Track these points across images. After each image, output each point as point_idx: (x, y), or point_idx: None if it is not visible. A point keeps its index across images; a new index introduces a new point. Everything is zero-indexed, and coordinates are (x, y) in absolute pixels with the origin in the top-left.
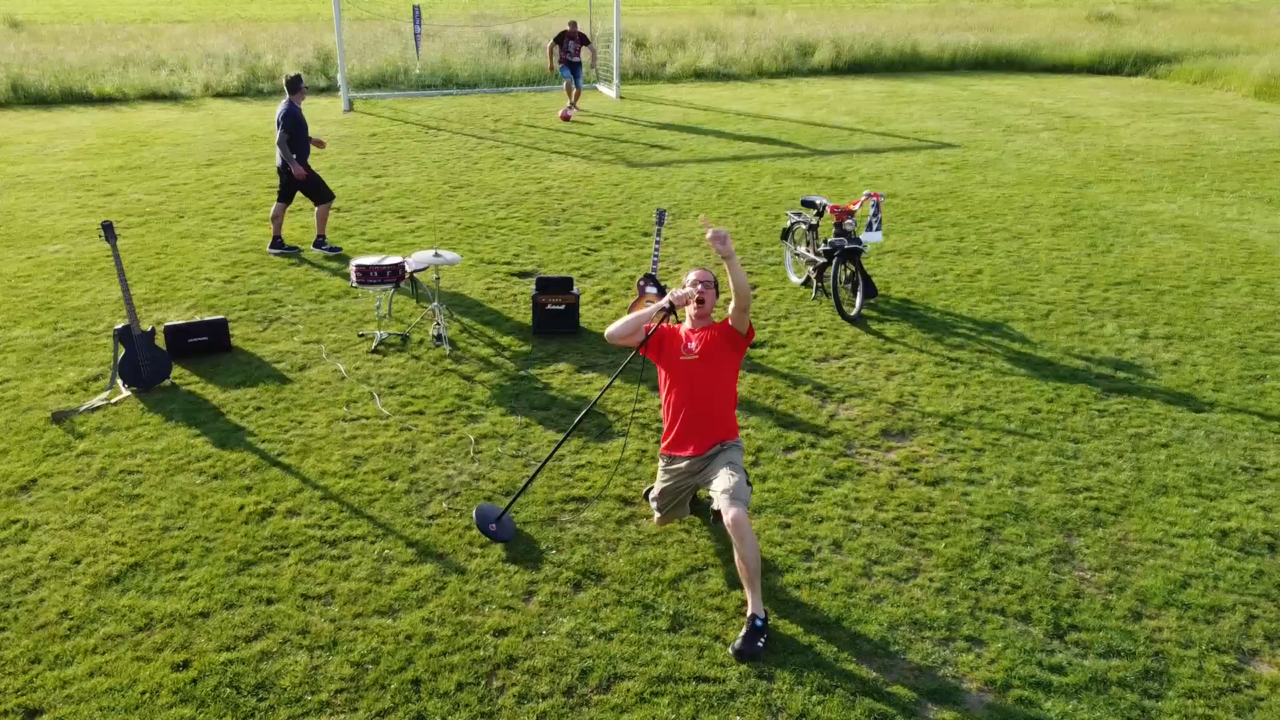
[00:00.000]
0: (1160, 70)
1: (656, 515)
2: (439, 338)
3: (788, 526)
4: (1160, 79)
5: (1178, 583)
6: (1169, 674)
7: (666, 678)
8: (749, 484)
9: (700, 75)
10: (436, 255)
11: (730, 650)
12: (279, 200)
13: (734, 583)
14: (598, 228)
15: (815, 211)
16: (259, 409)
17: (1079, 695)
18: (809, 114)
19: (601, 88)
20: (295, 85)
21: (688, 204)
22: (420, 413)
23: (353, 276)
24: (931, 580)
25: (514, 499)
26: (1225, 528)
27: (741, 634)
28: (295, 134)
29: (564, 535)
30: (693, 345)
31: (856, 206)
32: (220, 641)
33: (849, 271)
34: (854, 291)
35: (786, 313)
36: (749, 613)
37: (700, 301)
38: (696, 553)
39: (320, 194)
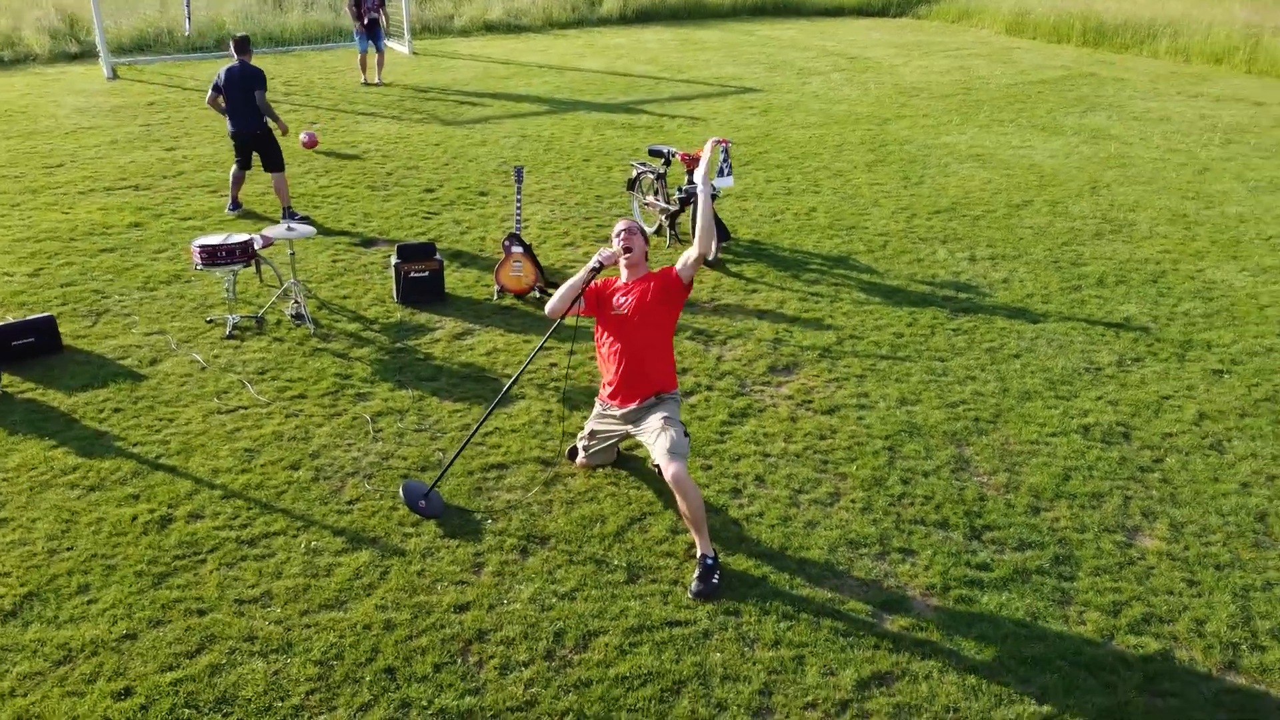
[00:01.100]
0: (922, 11)
1: (581, 456)
2: (299, 316)
3: (709, 468)
4: (923, 19)
5: (1060, 476)
6: (1075, 557)
7: (639, 627)
8: (686, 434)
9: (490, 28)
10: (290, 228)
11: (690, 593)
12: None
13: (675, 528)
14: (430, 190)
15: (663, 160)
16: (117, 411)
17: (1007, 587)
18: (610, 64)
19: (392, 44)
20: (246, 46)
21: (515, 160)
22: (302, 396)
23: (196, 259)
24: (854, 502)
25: (441, 474)
26: (1085, 423)
27: (695, 575)
28: (229, 95)
29: (494, 503)
30: (622, 300)
31: (706, 152)
32: (159, 662)
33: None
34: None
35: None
36: (699, 554)
37: (628, 250)
38: (631, 504)
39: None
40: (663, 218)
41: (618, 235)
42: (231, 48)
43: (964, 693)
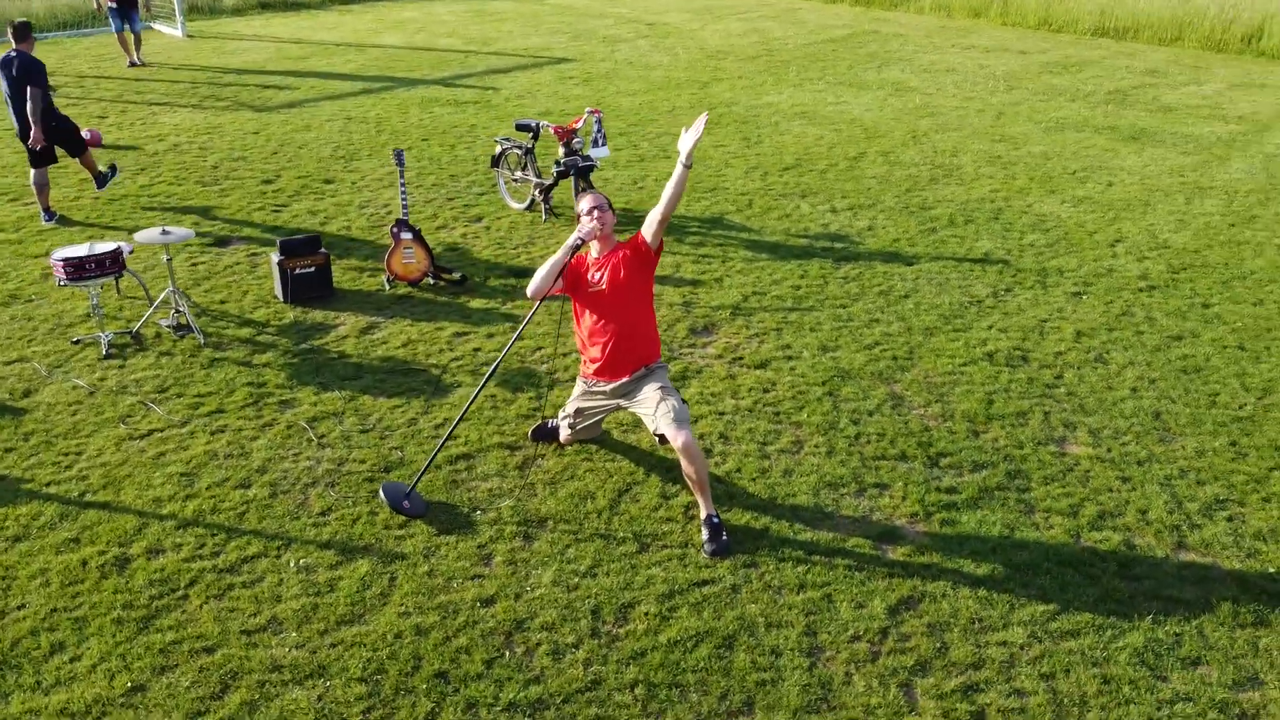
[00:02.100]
0: None
1: (565, 433)
2: (182, 327)
3: None
4: None
5: (985, 401)
6: (1023, 471)
7: (670, 592)
8: (683, 401)
9: (266, 5)
10: (165, 232)
11: (705, 553)
12: (36, 167)
13: (663, 494)
14: (269, 181)
15: (531, 134)
16: (9, 451)
17: (978, 505)
18: (409, 39)
19: (161, 27)
20: (26, 32)
21: (348, 144)
22: (220, 411)
23: (59, 274)
24: (817, 447)
25: (423, 471)
26: (988, 351)
27: (705, 536)
28: (10, 91)
29: (476, 494)
30: (597, 276)
31: (579, 124)
32: (185, 709)
33: (582, 188)
34: None
35: (529, 239)
36: (703, 515)
37: (602, 225)
38: (612, 477)
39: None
40: (536, 192)
41: (589, 213)
42: (9, 34)
43: (980, 604)
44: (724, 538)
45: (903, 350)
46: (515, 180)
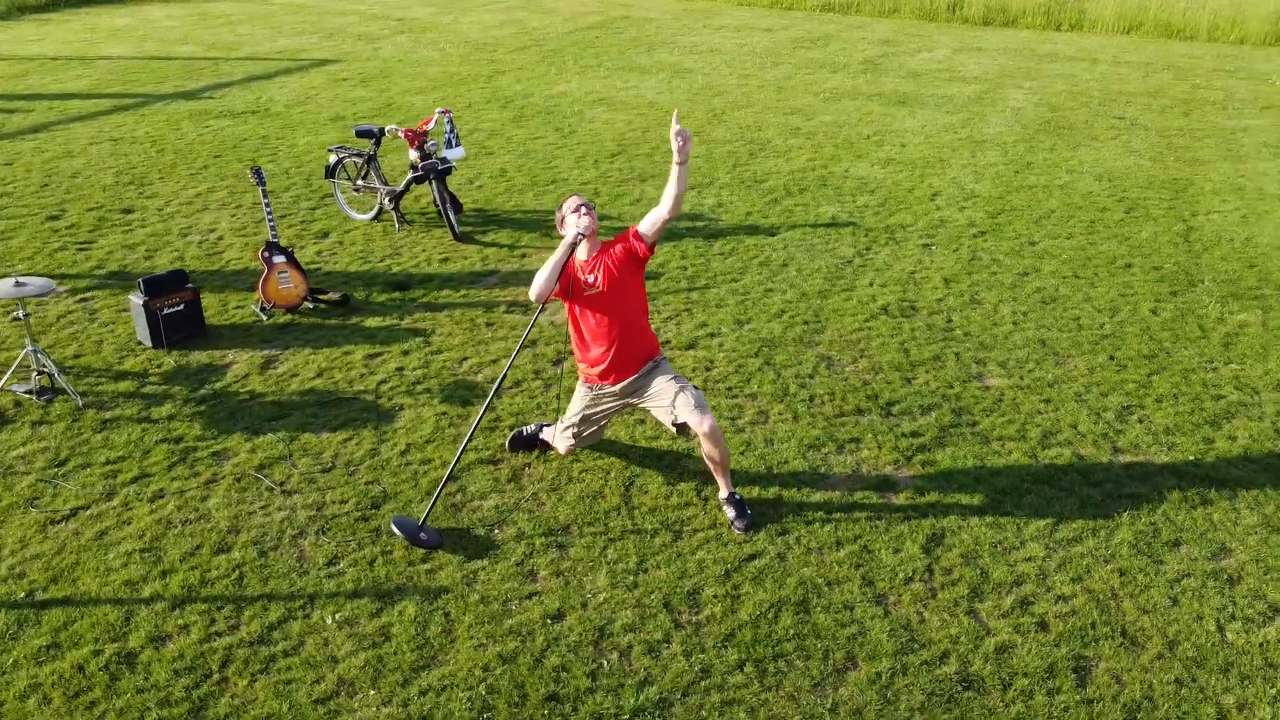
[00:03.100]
0: None
1: (566, 444)
2: (46, 390)
3: (642, 422)
4: None
5: (901, 351)
6: (964, 407)
7: (729, 572)
8: (696, 387)
9: None
10: (19, 284)
11: (737, 530)
12: None
13: (667, 480)
14: (54, 217)
15: (374, 140)
16: None
17: (944, 444)
18: (139, 48)
19: None
20: None
21: (130, 169)
22: (145, 475)
23: None
24: (781, 415)
25: (434, 501)
26: (882, 305)
27: (733, 514)
28: None
29: (481, 513)
30: (592, 278)
31: (430, 125)
32: None
33: (443, 192)
34: (449, 211)
35: (393, 250)
36: (724, 495)
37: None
38: (611, 474)
39: None
40: (386, 200)
41: (576, 210)
42: None
43: (992, 529)
44: (749, 513)
45: (809, 314)
46: (357, 189)
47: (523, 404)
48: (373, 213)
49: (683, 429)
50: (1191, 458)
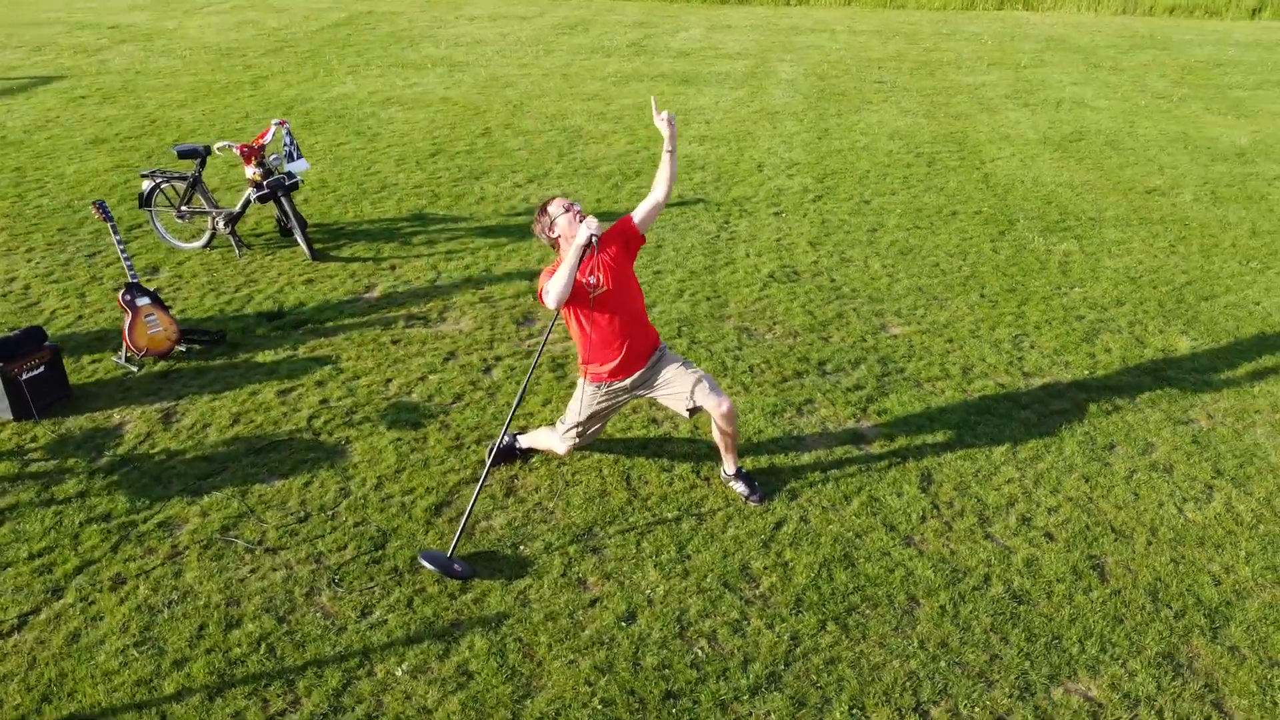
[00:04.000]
0: None
1: (568, 444)
2: None
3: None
4: None
5: (804, 313)
6: (887, 357)
7: (764, 544)
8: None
9: None
10: None
11: (752, 503)
12: None
13: (664, 468)
14: None
15: (198, 161)
16: None
17: (885, 393)
18: None
19: None
20: None
21: None
22: (89, 563)
23: None
24: (731, 388)
25: (459, 536)
26: (769, 273)
27: (744, 488)
28: None
29: (496, 535)
30: (594, 279)
31: (267, 138)
32: None
33: (289, 210)
34: (300, 230)
35: (246, 278)
36: (732, 470)
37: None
38: (604, 471)
39: None
40: (220, 224)
41: (569, 211)
42: None
43: (965, 460)
44: (757, 484)
45: (708, 290)
46: (181, 216)
47: (475, 417)
48: (203, 240)
49: (693, 412)
50: (1086, 373)
